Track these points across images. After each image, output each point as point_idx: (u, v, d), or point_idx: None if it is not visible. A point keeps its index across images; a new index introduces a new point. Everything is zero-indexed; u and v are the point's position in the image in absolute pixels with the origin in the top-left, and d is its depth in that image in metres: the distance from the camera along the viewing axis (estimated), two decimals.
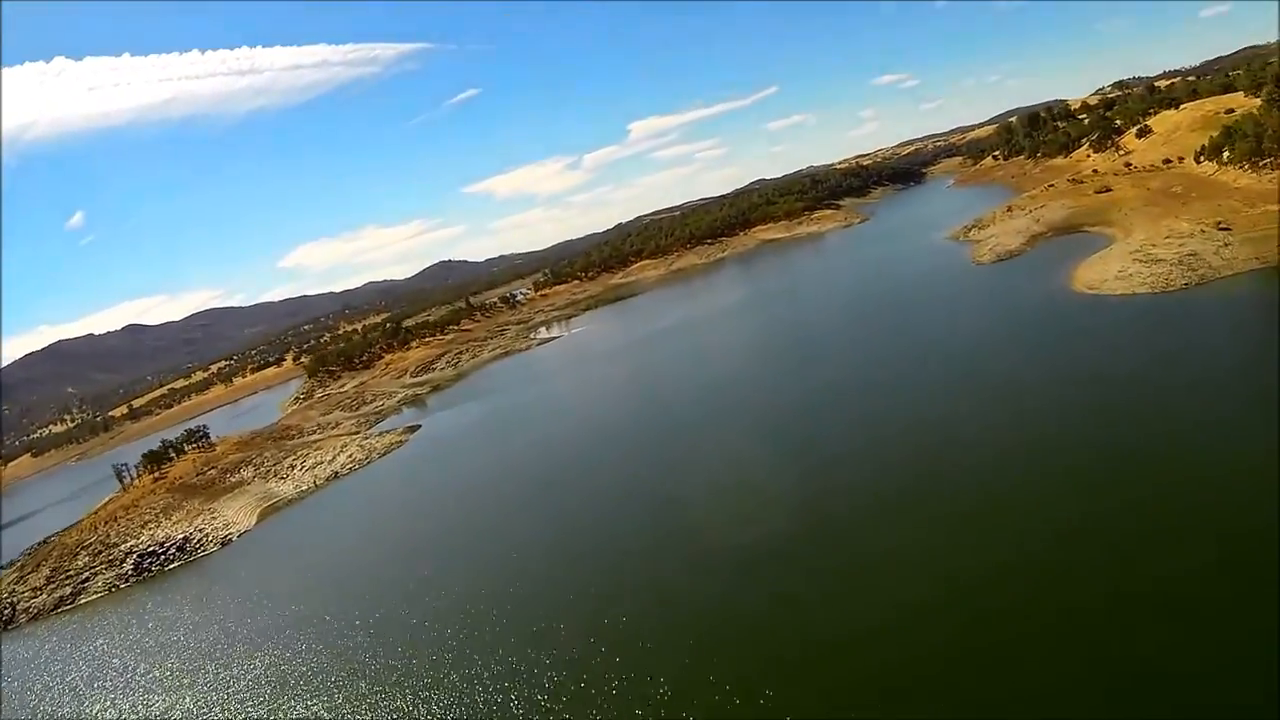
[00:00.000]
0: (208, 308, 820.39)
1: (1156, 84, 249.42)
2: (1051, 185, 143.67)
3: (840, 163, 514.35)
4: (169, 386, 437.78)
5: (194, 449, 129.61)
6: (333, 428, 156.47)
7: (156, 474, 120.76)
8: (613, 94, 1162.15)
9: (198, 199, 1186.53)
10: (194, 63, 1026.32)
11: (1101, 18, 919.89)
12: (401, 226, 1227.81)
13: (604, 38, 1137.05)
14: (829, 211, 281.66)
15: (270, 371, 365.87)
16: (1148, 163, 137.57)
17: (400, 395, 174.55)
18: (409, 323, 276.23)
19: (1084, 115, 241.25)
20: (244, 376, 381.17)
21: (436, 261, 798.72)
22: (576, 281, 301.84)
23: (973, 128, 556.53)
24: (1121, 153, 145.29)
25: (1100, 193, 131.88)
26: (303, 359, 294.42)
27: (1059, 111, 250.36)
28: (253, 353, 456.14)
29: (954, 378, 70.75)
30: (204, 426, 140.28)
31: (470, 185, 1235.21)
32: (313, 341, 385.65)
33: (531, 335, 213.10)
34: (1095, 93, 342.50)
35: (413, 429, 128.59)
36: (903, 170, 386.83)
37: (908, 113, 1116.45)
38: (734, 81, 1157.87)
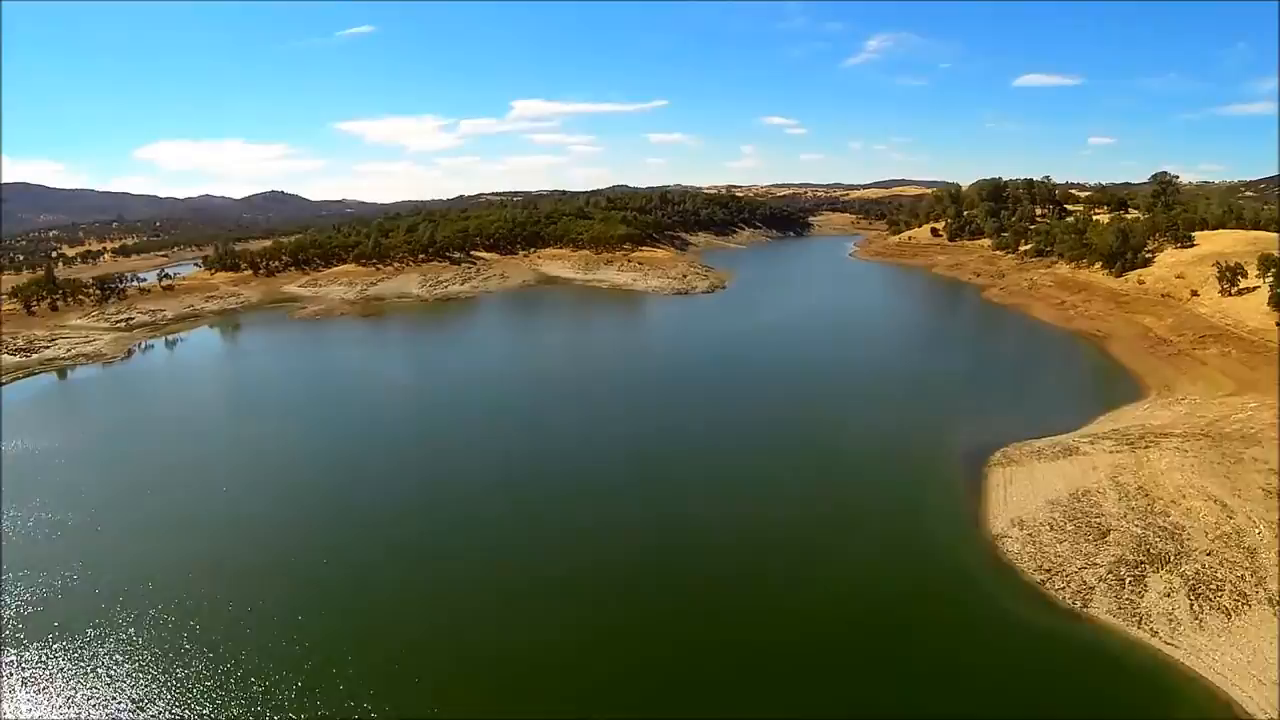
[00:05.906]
0: (27, 180, 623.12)
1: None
2: None
3: (709, 188, 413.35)
4: None
5: None
6: None
7: None
8: (503, 65, 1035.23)
9: (61, 58, 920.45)
10: None
11: (994, 119, 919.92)
12: (265, 147, 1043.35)
13: (510, 7, 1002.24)
14: (664, 251, 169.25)
15: None
16: None
17: None
18: None
19: (1095, 210, 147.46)
20: None
21: (270, 189, 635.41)
22: (249, 273, 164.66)
23: (855, 188, 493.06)
24: None
25: None
26: None
27: (1042, 193, 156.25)
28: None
29: None
30: None
31: (342, 122, 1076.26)
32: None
33: None
34: (977, 182, 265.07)
35: None
36: (783, 214, 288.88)
37: (788, 159, 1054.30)
38: (628, 84, 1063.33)
